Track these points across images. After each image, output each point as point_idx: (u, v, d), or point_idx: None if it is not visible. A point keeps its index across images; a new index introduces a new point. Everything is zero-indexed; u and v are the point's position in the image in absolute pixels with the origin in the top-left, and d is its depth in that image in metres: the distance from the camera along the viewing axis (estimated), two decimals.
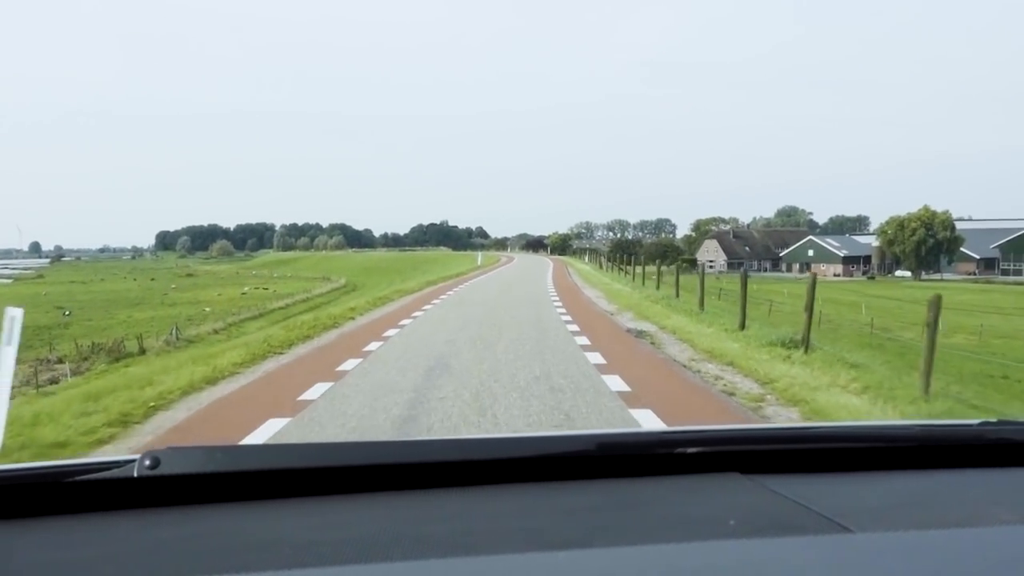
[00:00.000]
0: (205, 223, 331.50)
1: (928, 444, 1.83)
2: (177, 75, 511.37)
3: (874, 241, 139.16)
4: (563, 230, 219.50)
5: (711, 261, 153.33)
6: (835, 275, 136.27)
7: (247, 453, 1.65)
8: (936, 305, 10.24)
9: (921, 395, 9.67)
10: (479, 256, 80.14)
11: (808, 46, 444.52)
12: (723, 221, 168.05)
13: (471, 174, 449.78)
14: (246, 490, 1.48)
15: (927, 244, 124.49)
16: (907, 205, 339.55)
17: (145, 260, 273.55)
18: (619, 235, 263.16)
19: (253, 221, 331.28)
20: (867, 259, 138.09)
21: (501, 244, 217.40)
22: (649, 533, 1.35)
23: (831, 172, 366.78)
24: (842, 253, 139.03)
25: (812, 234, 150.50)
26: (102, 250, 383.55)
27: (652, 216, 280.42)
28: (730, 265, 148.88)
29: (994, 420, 1.97)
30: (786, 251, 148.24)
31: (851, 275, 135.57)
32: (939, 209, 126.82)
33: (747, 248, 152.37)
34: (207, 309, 76.08)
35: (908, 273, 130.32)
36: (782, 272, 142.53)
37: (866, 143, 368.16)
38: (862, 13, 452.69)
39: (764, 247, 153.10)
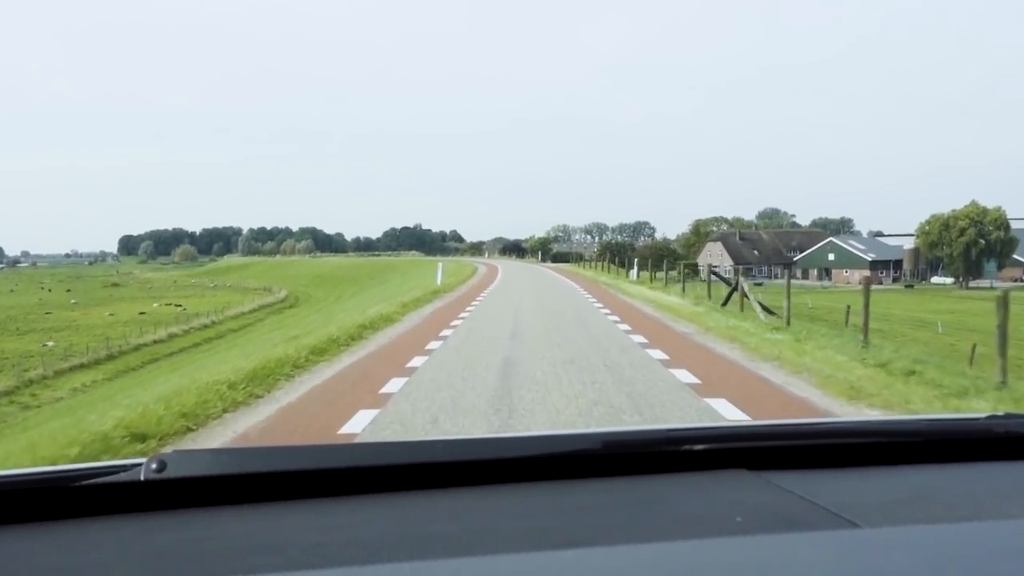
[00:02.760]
0: (170, 227, 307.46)
1: (935, 438, 1.77)
2: (135, 73, 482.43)
3: (906, 244, 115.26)
4: (540, 233, 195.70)
5: (715, 266, 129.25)
6: (861, 282, 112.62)
7: (253, 455, 1.60)
8: None
9: None
10: (439, 270, 39.18)
11: (782, 50, 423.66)
12: (725, 221, 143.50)
13: (445, 178, 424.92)
14: (252, 492, 1.43)
15: (978, 246, 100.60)
16: (895, 207, 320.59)
17: (101, 266, 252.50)
18: (597, 238, 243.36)
19: (220, 225, 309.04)
20: (897, 264, 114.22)
21: (477, 248, 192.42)
22: (656, 531, 1.30)
23: (811, 174, 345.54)
24: (869, 257, 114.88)
25: (832, 236, 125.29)
26: (68, 255, 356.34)
27: (630, 219, 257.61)
28: (735, 271, 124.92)
29: (1001, 413, 1.88)
30: (801, 255, 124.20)
31: (880, 282, 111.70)
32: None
33: (755, 252, 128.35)
34: (49, 343, 52.66)
35: (948, 280, 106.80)
36: (797, 279, 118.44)
37: (847, 145, 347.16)
38: (833, 17, 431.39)
39: (774, 250, 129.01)
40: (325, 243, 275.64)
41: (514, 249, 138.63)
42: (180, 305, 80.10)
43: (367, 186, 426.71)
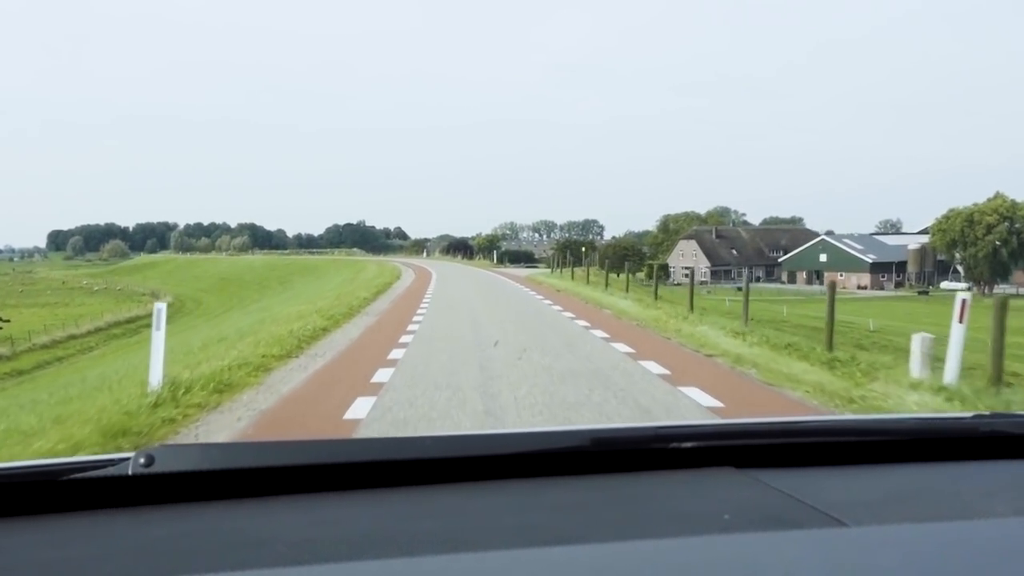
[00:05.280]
0: (101, 222, 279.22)
1: (922, 437, 1.73)
2: (64, 57, 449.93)
3: (910, 244, 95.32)
4: (488, 231, 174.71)
5: (687, 268, 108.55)
6: (860, 287, 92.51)
7: (242, 450, 1.55)
8: None
9: None
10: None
11: (734, 55, 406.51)
12: (699, 218, 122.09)
13: (391, 175, 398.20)
14: (241, 487, 1.38)
15: (1009, 245, 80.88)
16: (845, 207, 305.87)
17: (22, 263, 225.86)
18: (546, 236, 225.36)
19: (154, 220, 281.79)
20: (900, 266, 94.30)
21: (420, 246, 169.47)
22: (644, 528, 1.27)
23: (760, 175, 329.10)
24: (869, 259, 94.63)
25: (823, 234, 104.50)
26: (1, 251, 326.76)
27: (579, 217, 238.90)
28: (713, 273, 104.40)
29: (987, 413, 1.86)
30: (787, 256, 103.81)
31: (880, 287, 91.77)
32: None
33: (734, 251, 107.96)
34: None
35: (960, 285, 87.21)
36: (784, 283, 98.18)
37: (797, 148, 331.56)
38: (791, 26, 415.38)
39: (756, 250, 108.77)
40: (265, 239, 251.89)
41: (460, 248, 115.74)
42: (7, 320, 56.16)
43: (310, 181, 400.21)
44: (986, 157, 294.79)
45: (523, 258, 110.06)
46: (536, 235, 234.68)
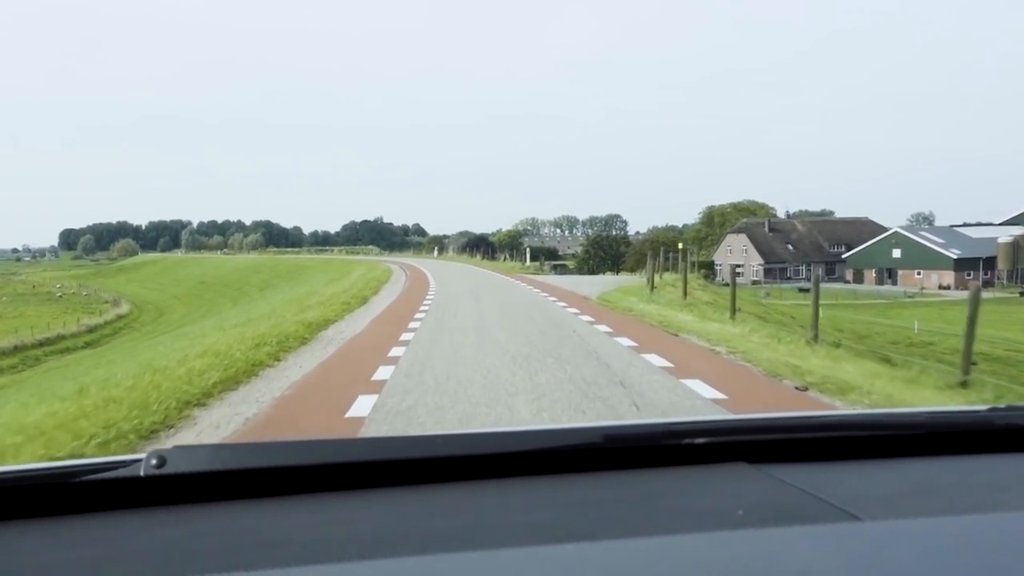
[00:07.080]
0: (113, 220, 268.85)
1: (936, 431, 1.67)
2: (73, 54, 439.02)
3: (1000, 236, 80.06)
4: (508, 227, 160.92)
5: (738, 265, 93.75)
6: (943, 287, 77.67)
7: (253, 451, 1.54)
8: None
9: None
10: None
11: (747, 49, 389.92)
12: (747, 209, 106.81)
13: (409, 171, 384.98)
14: (253, 488, 1.36)
15: None
16: (872, 200, 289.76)
17: (24, 264, 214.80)
18: (568, 231, 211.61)
19: (168, 218, 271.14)
20: (988, 262, 79.25)
21: (438, 243, 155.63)
22: (657, 525, 1.25)
23: (785, 167, 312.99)
24: (953, 254, 79.50)
25: (897, 226, 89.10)
26: (16, 250, 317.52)
27: (601, 212, 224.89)
28: (767, 271, 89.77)
29: (1003, 406, 1.80)
30: (852, 251, 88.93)
31: (966, 286, 76.61)
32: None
33: (789, 246, 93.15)
34: None
35: None
36: (848, 283, 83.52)
37: (822, 139, 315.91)
38: (798, 17, 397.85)
39: (813, 245, 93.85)
40: (281, 237, 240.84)
41: (479, 245, 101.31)
42: None
43: (327, 179, 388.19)
44: (1007, 147, 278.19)
45: (546, 255, 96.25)
46: (558, 231, 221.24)
